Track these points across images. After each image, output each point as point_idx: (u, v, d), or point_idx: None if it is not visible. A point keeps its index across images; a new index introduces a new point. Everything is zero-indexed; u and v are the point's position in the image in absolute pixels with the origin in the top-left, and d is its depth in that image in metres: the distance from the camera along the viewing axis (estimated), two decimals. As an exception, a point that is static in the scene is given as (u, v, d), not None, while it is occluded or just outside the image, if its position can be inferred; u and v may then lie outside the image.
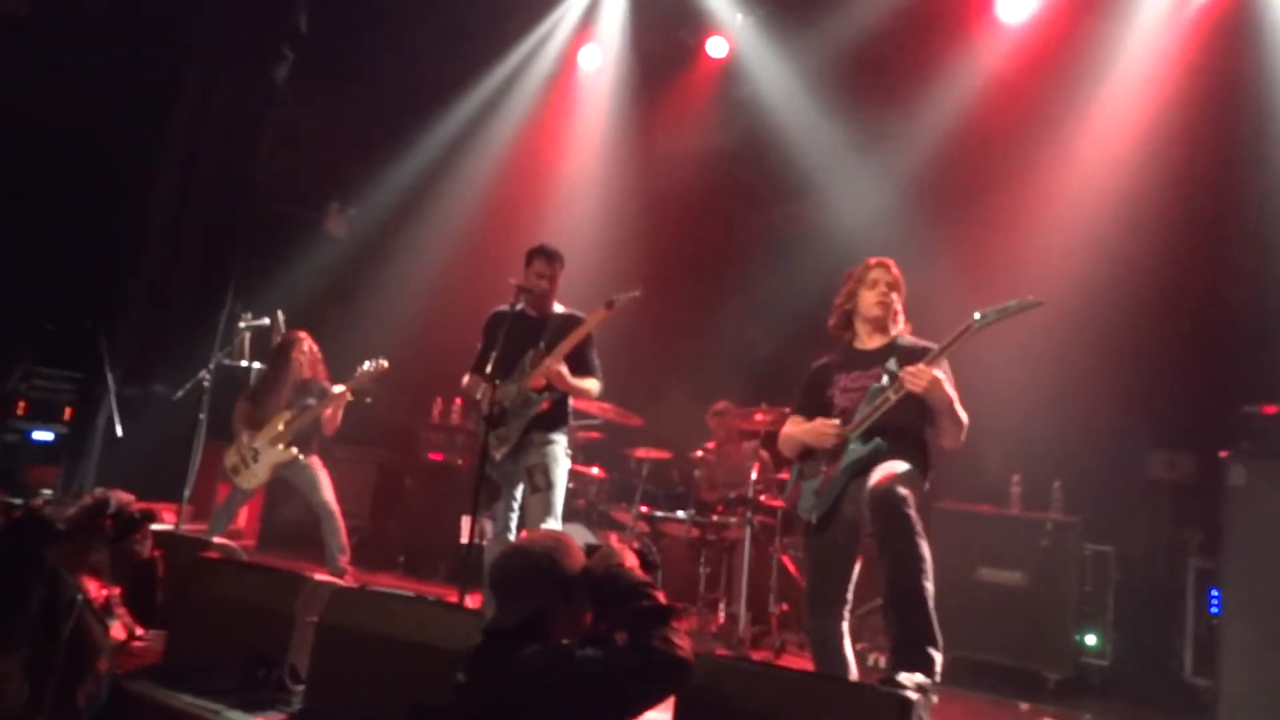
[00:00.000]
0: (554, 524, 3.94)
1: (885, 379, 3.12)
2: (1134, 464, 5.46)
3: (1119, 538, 5.02)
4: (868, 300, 3.34)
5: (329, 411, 5.17)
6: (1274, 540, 3.90)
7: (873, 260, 3.41)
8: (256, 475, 5.15)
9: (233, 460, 5.20)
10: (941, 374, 3.03)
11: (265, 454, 5.13)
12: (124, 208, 6.72)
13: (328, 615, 3.10)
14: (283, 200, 7.58)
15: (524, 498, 4.07)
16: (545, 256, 4.20)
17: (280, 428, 5.14)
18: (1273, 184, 5.02)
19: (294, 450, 5.12)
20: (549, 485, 3.96)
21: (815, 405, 3.37)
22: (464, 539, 4.82)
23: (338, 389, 5.17)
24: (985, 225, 5.82)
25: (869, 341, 3.36)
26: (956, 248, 5.70)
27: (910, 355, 3.16)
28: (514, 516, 4.13)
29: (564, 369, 4.02)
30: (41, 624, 2.62)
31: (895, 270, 3.38)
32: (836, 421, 3.20)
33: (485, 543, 4.71)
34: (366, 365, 5.18)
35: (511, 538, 4.01)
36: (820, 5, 6.38)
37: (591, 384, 4.17)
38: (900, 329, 3.36)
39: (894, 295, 3.34)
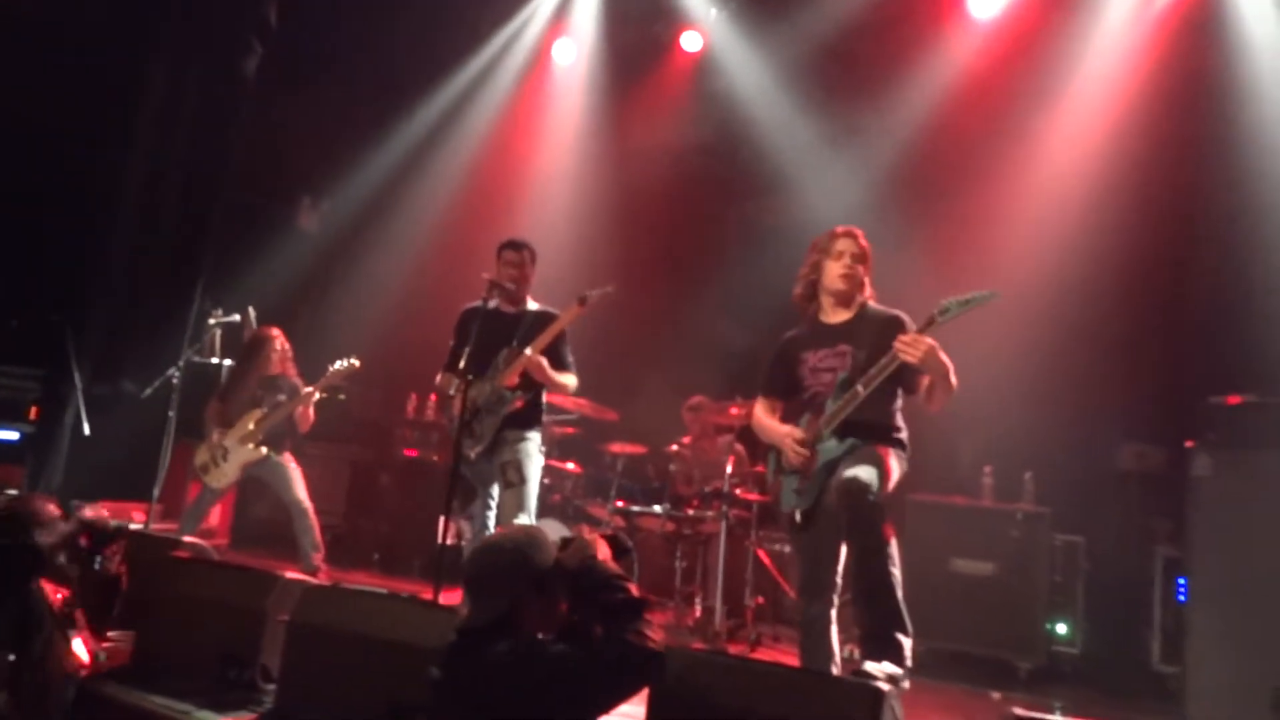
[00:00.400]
0: (527, 519, 3.94)
1: (850, 366, 3.07)
2: (1104, 455, 5.54)
3: (1089, 528, 5.09)
4: (832, 272, 3.20)
5: (301, 409, 5.12)
6: (1238, 529, 3.97)
7: (840, 229, 3.26)
8: (226, 474, 5.08)
9: (203, 459, 5.13)
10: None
11: (235, 453, 5.07)
12: (91, 200, 6.58)
13: (299, 613, 3.06)
14: (254, 194, 7.46)
15: (499, 495, 4.06)
16: (514, 248, 4.20)
17: (251, 426, 5.08)
18: (1236, 180, 5.10)
19: (264, 449, 5.07)
20: (522, 481, 3.96)
21: (785, 385, 3.32)
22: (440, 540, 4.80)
23: (308, 389, 5.12)
24: (957, 220, 5.87)
25: (833, 315, 3.26)
26: (929, 243, 5.74)
27: (882, 326, 3.09)
28: (491, 515, 4.12)
29: (544, 361, 4.00)
30: (15, 633, 2.62)
31: (863, 241, 3.23)
32: (802, 437, 3.13)
33: (463, 543, 4.69)
34: (338, 364, 5.11)
35: (489, 535, 4.00)
36: (793, -1, 6.40)
37: (569, 378, 4.16)
38: (865, 296, 3.24)
39: (860, 268, 3.19)
